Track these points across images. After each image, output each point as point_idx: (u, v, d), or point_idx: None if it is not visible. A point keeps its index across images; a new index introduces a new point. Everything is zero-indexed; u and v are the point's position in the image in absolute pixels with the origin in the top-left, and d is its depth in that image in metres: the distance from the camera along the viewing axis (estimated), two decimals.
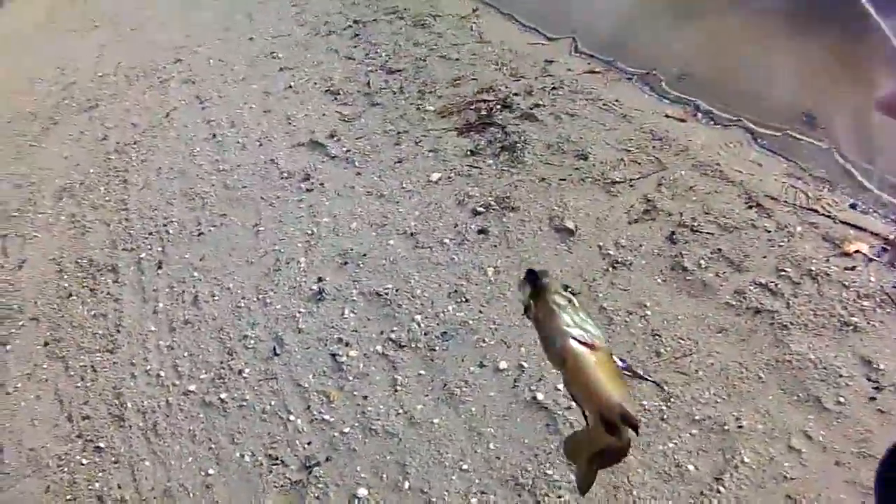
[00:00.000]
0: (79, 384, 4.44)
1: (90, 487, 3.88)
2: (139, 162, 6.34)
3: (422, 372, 3.83)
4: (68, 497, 3.87)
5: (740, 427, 3.17)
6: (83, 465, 4.00)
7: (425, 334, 3.99)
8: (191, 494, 3.66)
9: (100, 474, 3.93)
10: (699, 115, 4.95)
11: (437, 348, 3.91)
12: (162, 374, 4.32)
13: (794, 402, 3.21)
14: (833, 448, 3.02)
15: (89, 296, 5.04)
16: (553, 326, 1.13)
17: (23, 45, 9.19)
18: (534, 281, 1.17)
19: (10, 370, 4.67)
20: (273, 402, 3.93)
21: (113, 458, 3.97)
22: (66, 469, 4.00)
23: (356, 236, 4.80)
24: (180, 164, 6.13)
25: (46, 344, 4.78)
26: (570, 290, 1.18)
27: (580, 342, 1.12)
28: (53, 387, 4.49)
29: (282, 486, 3.55)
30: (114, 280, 5.12)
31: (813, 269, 3.68)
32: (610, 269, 4.04)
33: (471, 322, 3.98)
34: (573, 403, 3.38)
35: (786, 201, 4.10)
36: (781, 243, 3.88)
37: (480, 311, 4.03)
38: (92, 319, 4.84)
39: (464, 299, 4.11)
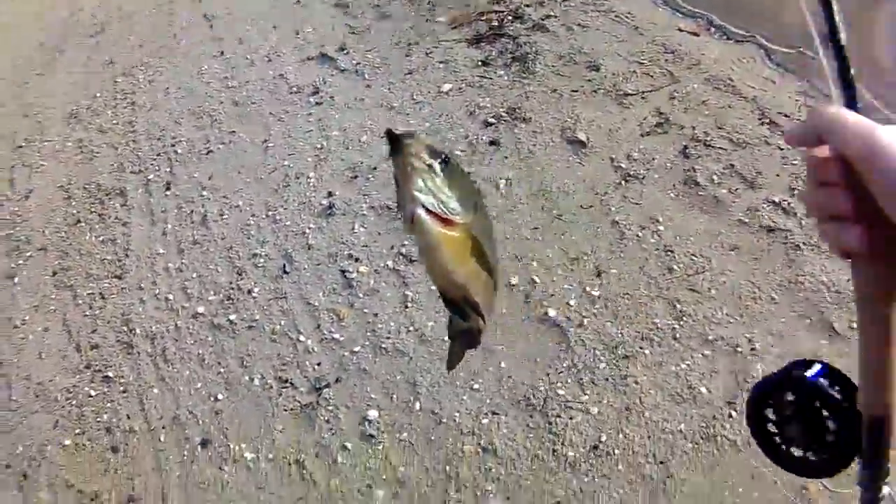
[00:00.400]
0: (87, 313, 4.42)
1: (98, 420, 3.87)
2: (147, 83, 6.26)
3: (433, 287, 3.77)
4: (77, 431, 3.86)
5: (753, 350, 3.13)
6: (91, 396, 3.99)
7: None
8: (199, 421, 3.66)
9: (108, 405, 3.92)
10: (712, 29, 4.84)
11: None
12: (170, 297, 4.29)
13: (806, 325, 3.16)
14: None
15: (97, 221, 5.00)
16: (404, 191, 1.04)
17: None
18: (392, 139, 1.05)
19: (19, 303, 4.64)
20: (283, 322, 3.91)
21: (121, 388, 3.96)
22: (74, 402, 3.99)
23: (366, 149, 4.74)
24: (188, 83, 6.05)
25: (55, 273, 4.75)
26: (443, 157, 1.05)
27: (430, 212, 1.02)
28: (61, 317, 4.46)
29: (292, 409, 3.54)
30: (122, 204, 5.08)
31: None
32: (622, 182, 3.97)
33: None
34: (585, 320, 3.36)
35: (799, 119, 3.99)
36: (794, 161, 3.80)
37: None
38: (100, 245, 4.81)
39: None
